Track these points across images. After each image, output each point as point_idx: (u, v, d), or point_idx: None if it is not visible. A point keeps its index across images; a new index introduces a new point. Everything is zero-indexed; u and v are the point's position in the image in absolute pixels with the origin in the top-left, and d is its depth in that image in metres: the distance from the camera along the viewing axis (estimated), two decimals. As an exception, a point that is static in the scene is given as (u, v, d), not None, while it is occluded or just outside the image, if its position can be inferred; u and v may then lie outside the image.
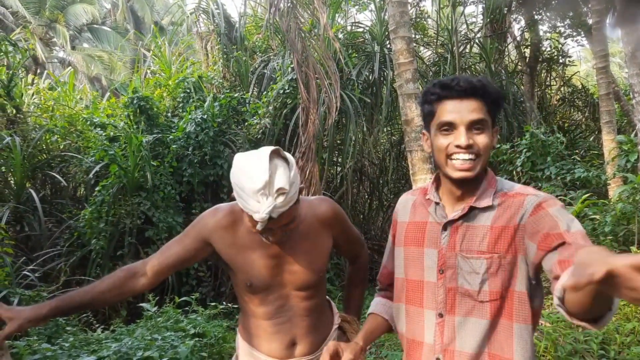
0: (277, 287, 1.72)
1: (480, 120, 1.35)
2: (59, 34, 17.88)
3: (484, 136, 1.36)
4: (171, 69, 9.23)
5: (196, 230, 1.73)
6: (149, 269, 1.71)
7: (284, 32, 6.80)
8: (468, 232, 1.39)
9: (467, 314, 1.36)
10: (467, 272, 1.36)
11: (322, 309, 1.84)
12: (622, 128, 10.16)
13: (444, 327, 1.39)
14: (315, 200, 1.81)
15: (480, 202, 1.39)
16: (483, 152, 1.36)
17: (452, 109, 1.36)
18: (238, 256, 1.71)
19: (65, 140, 7.77)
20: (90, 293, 1.65)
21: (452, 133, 1.37)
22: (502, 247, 1.33)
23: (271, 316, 1.74)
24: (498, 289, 1.33)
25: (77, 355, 3.68)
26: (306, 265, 1.71)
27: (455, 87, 1.35)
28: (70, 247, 6.44)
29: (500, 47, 10.90)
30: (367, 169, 9.94)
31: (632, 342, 3.56)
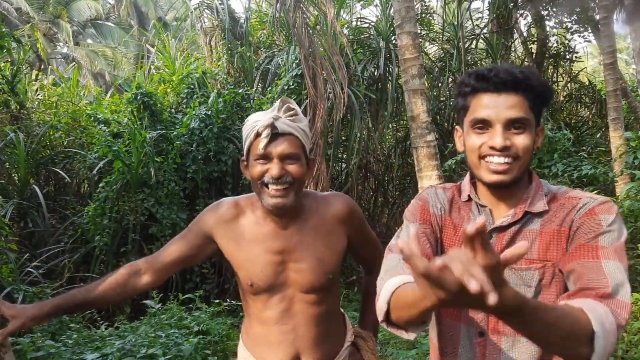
0: (281, 288, 1.59)
1: (521, 119, 1.16)
2: (62, 30, 17.88)
3: (524, 137, 1.17)
4: (175, 65, 9.20)
5: (198, 226, 1.66)
6: (152, 267, 1.66)
7: (290, 27, 6.75)
8: (515, 239, 1.21)
9: (516, 333, 1.17)
10: (515, 285, 1.17)
11: (332, 320, 1.67)
12: (630, 125, 10.08)
13: (486, 348, 1.21)
14: (330, 196, 1.68)
15: (533, 206, 1.22)
16: (522, 154, 1.17)
17: (488, 103, 1.17)
18: (240, 251, 1.60)
19: (69, 136, 7.76)
20: (93, 291, 1.61)
21: (487, 132, 1.18)
22: (555, 253, 1.17)
23: (275, 321, 1.60)
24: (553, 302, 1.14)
25: (81, 352, 3.68)
26: (315, 264, 1.57)
27: (492, 79, 1.17)
28: (74, 244, 6.43)
29: (506, 43, 10.82)
30: (372, 166, 9.90)
31: (639, 341, 3.52)
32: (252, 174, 1.52)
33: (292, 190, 1.50)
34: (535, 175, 1.29)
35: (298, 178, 1.51)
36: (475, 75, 1.20)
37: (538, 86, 1.18)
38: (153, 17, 18.76)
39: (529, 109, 1.18)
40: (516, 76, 1.16)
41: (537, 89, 1.18)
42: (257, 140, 1.48)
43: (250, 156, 1.53)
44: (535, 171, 5.10)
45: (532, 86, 1.17)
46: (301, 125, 1.52)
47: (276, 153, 1.47)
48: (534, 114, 1.20)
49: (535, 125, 1.21)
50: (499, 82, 1.16)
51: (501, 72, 1.17)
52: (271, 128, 1.45)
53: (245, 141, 1.53)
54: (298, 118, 1.52)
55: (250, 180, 1.56)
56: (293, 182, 1.50)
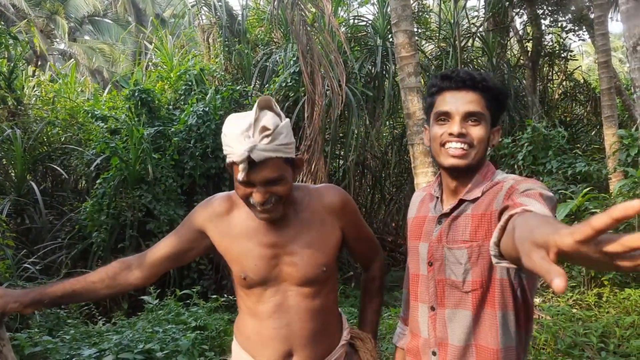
0: (274, 281, 1.55)
1: (476, 113, 1.34)
2: (59, 26, 17.84)
3: (479, 128, 1.35)
4: (173, 62, 9.21)
5: (190, 221, 1.63)
6: (143, 263, 1.60)
7: (288, 24, 6.77)
8: (454, 223, 1.38)
9: (455, 306, 1.36)
10: (452, 263, 1.36)
11: (327, 316, 1.62)
12: (624, 122, 10.14)
13: (436, 321, 1.39)
14: (322, 188, 1.65)
15: (470, 194, 1.38)
16: (477, 143, 1.34)
17: (449, 99, 1.36)
18: (233, 245, 1.57)
19: (67, 132, 7.77)
20: (82, 282, 1.56)
21: (447, 123, 1.36)
22: (481, 234, 1.31)
23: (268, 316, 1.56)
24: (479, 278, 1.32)
25: (78, 348, 3.69)
26: (308, 256, 1.54)
27: (454, 78, 1.35)
28: (71, 240, 6.45)
29: (502, 41, 10.87)
30: (369, 163, 9.95)
31: (631, 336, 3.57)
32: (238, 193, 1.48)
33: (279, 205, 1.48)
34: (490, 166, 1.44)
35: (284, 195, 1.47)
36: (441, 76, 1.40)
37: (494, 89, 1.36)
38: (151, 14, 18.72)
39: (485, 107, 1.36)
40: (474, 77, 1.34)
41: (494, 91, 1.36)
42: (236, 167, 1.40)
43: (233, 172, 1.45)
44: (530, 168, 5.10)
45: (489, 88, 1.35)
46: (281, 141, 1.41)
47: (258, 181, 1.41)
48: (490, 113, 1.37)
49: (490, 123, 1.38)
50: (459, 81, 1.35)
51: (462, 72, 1.36)
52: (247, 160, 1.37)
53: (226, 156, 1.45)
54: (277, 133, 1.40)
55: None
56: (280, 199, 1.47)
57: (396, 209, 10.01)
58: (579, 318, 4.01)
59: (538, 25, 10.65)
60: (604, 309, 4.23)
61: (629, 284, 4.52)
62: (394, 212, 10.12)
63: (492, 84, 1.36)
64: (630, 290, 4.25)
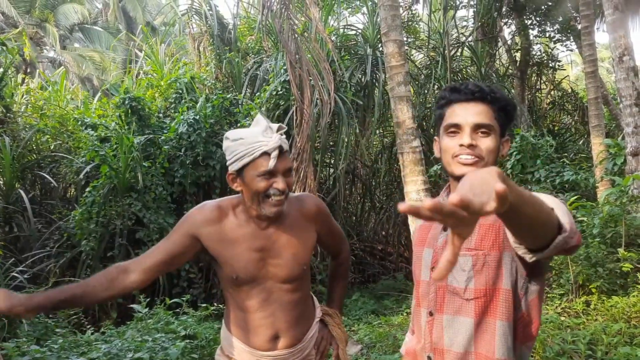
0: (261, 280, 1.76)
1: (486, 125, 1.36)
2: (49, 34, 17.78)
3: (489, 140, 1.37)
4: (163, 70, 9.21)
5: (184, 226, 1.76)
6: (140, 266, 1.72)
7: (277, 33, 6.81)
8: None
9: (455, 312, 1.37)
10: (455, 269, 1.36)
11: (305, 303, 1.88)
12: (611, 132, 10.27)
13: (433, 326, 1.40)
14: (301, 196, 1.89)
15: None
16: (486, 155, 1.36)
17: (459, 111, 1.38)
18: (225, 250, 1.74)
19: (56, 140, 7.73)
20: (82, 287, 1.66)
21: (458, 134, 1.38)
22: (487, 243, 1.33)
23: (255, 309, 1.77)
24: (482, 287, 1.33)
25: (67, 357, 3.66)
26: (290, 258, 1.76)
27: (463, 90, 1.38)
28: (60, 248, 6.40)
29: (491, 51, 10.99)
30: (359, 171, 9.98)
31: (619, 343, 3.59)
32: (256, 188, 1.66)
33: (286, 199, 1.71)
34: None
35: (292, 187, 1.72)
36: (450, 89, 1.42)
37: (502, 100, 1.39)
38: (141, 22, 18.73)
39: (494, 118, 1.38)
40: (483, 89, 1.37)
41: (502, 102, 1.38)
42: (263, 158, 1.63)
43: (249, 172, 1.66)
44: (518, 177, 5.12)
45: (498, 99, 1.38)
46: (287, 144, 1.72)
47: (282, 169, 1.65)
48: (499, 124, 1.40)
49: (500, 134, 1.41)
50: (469, 93, 1.38)
51: (470, 84, 1.38)
52: (279, 149, 1.63)
53: (242, 158, 1.65)
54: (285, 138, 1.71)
55: (246, 192, 1.70)
56: (288, 192, 1.71)
57: (386, 217, 10.03)
58: (567, 326, 4.03)
59: (526, 36, 10.80)
60: (592, 316, 4.26)
61: (616, 292, 4.56)
62: (384, 220, 10.14)
63: (500, 96, 1.38)
64: (617, 298, 4.29)
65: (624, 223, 4.93)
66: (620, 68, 6.01)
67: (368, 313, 6.47)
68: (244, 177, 1.68)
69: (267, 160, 1.62)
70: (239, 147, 1.65)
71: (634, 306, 4.10)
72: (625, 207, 5.15)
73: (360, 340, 4.95)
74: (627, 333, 3.76)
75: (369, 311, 6.58)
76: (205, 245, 1.75)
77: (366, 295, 7.41)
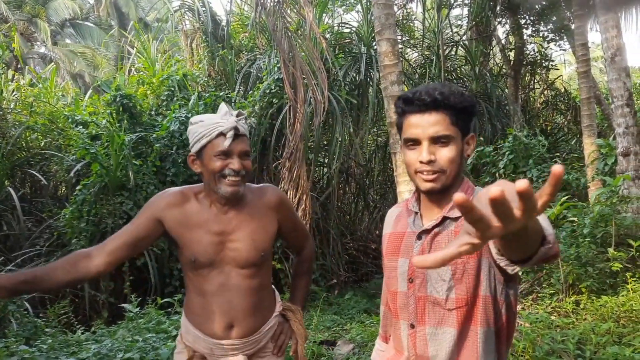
0: (219, 264, 1.80)
1: (443, 136, 1.32)
2: (40, 30, 17.63)
3: (448, 150, 1.33)
4: (155, 67, 9.15)
5: (148, 210, 1.82)
6: (103, 251, 1.73)
7: (271, 31, 6.78)
8: (435, 240, 1.38)
9: (438, 323, 1.35)
10: (435, 279, 1.35)
11: (263, 293, 1.90)
12: (604, 131, 10.31)
13: (416, 338, 1.38)
14: (263, 187, 1.95)
15: (453, 211, 1.37)
16: (447, 166, 1.33)
17: (414, 123, 1.34)
18: (186, 233, 1.79)
19: (46, 138, 7.67)
20: (43, 269, 1.66)
21: (417, 147, 1.35)
22: None
23: (212, 294, 1.81)
24: (464, 296, 1.32)
25: (56, 357, 3.64)
26: (249, 243, 1.81)
27: (416, 102, 1.33)
28: (50, 247, 6.36)
29: (485, 50, 11.01)
30: (353, 170, 9.97)
31: (607, 342, 3.61)
32: (212, 167, 1.74)
33: (243, 181, 1.77)
34: (466, 183, 1.44)
35: (249, 171, 1.79)
36: (403, 99, 1.38)
37: (458, 103, 1.32)
38: (134, 18, 18.60)
39: (452, 124, 1.33)
40: (435, 97, 1.31)
41: (458, 106, 1.33)
42: (219, 139, 1.72)
43: (207, 152, 1.75)
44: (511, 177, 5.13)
45: (451, 105, 1.32)
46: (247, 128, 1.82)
47: (237, 150, 1.73)
48: (459, 127, 1.35)
49: (462, 136, 1.37)
50: (422, 104, 1.32)
51: (423, 94, 1.32)
52: (234, 130, 1.72)
53: (201, 139, 1.74)
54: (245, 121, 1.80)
55: (204, 173, 1.78)
56: (245, 175, 1.77)
57: (380, 216, 10.03)
58: (557, 325, 4.05)
59: (520, 35, 10.82)
60: (581, 316, 4.28)
61: (606, 291, 4.58)
62: (378, 219, 10.14)
63: (455, 100, 1.32)
64: (606, 297, 4.31)
65: (614, 223, 4.96)
66: (612, 68, 6.04)
67: (361, 312, 6.47)
68: (203, 157, 1.76)
69: (223, 140, 1.71)
70: (199, 129, 1.74)
71: (622, 306, 4.12)
72: (616, 207, 5.18)
73: (352, 339, 4.95)
74: (616, 332, 3.78)
75: (361, 310, 6.58)
76: (167, 227, 1.80)
77: (359, 294, 7.42)
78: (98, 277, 1.85)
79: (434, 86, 1.33)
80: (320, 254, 8.00)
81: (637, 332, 3.71)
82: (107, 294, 6.05)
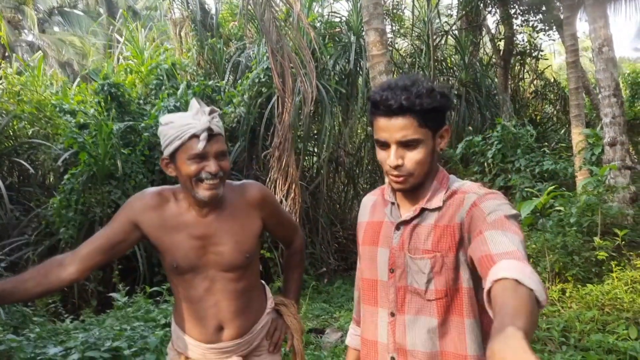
0: (203, 269, 1.72)
1: (410, 140, 1.31)
2: (27, 17, 17.37)
3: (417, 152, 1.32)
4: (144, 55, 9.07)
5: (124, 213, 1.72)
6: (76, 257, 1.65)
7: (259, 21, 6.74)
8: (415, 232, 1.39)
9: (417, 312, 1.36)
10: (415, 271, 1.36)
11: (252, 293, 1.83)
12: (592, 121, 10.39)
13: (396, 326, 1.40)
14: (244, 184, 1.85)
15: (431, 203, 1.39)
16: (415, 168, 1.33)
17: (382, 126, 1.33)
18: (165, 237, 1.70)
19: (34, 126, 7.60)
20: (12, 282, 1.57)
21: (387, 149, 1.34)
22: (444, 245, 1.33)
23: (198, 299, 1.74)
24: (443, 288, 1.33)
25: (44, 346, 3.63)
26: (232, 246, 1.72)
27: (382, 107, 1.31)
28: (38, 236, 6.33)
29: (475, 40, 11.01)
30: (343, 159, 9.98)
31: (591, 330, 3.67)
32: (187, 171, 1.63)
33: (222, 183, 1.67)
34: (442, 172, 1.45)
35: (227, 171, 1.68)
36: (371, 102, 1.36)
37: (426, 104, 1.29)
38: (122, 6, 18.37)
39: (420, 127, 1.31)
40: (401, 103, 1.28)
41: (425, 108, 1.29)
42: (192, 141, 1.60)
43: (180, 155, 1.63)
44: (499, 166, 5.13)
45: (418, 108, 1.28)
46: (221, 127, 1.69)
47: (213, 152, 1.62)
48: (428, 127, 1.32)
49: (433, 134, 1.35)
50: (388, 110, 1.30)
51: (389, 98, 1.29)
52: (208, 131, 1.60)
53: (173, 142, 1.62)
54: (219, 117, 1.69)
55: (180, 177, 1.68)
56: (223, 176, 1.66)
57: (369, 205, 10.05)
58: (542, 313, 4.11)
59: (510, 25, 10.83)
60: (567, 304, 4.35)
61: (591, 280, 4.64)
62: (367, 208, 10.16)
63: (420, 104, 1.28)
64: (591, 286, 4.37)
65: (600, 212, 5.01)
66: (600, 59, 6.07)
67: (349, 300, 6.51)
68: (176, 161, 1.65)
69: (196, 142, 1.59)
70: (170, 130, 1.62)
71: (607, 294, 4.18)
72: (602, 196, 5.23)
73: (340, 327, 4.99)
74: (600, 320, 3.84)
75: (350, 298, 6.62)
76: (145, 232, 1.71)
77: (348, 283, 7.46)
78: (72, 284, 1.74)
79: (403, 85, 1.31)
80: (309, 242, 8.03)
81: (621, 320, 3.77)
82: (96, 283, 6.05)
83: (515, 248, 1.12)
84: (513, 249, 1.11)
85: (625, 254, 4.88)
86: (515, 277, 1.00)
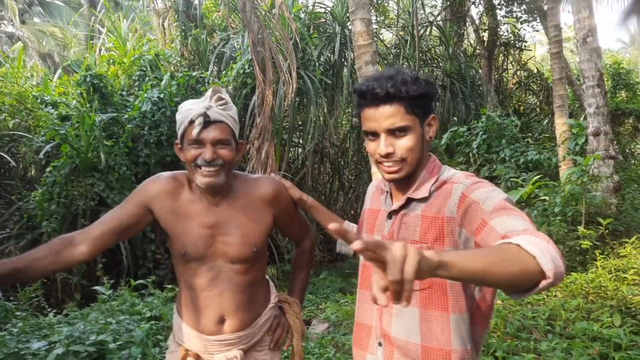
0: (210, 258, 1.72)
1: (399, 127, 1.32)
2: (7, 8, 17.01)
3: (407, 139, 1.33)
4: (126, 46, 8.94)
5: (138, 196, 1.72)
6: (88, 237, 1.64)
7: (240, 11, 6.67)
8: (404, 222, 1.40)
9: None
10: None
11: (256, 287, 1.83)
12: (575, 112, 10.49)
13: (383, 313, 1.41)
14: (260, 178, 1.85)
15: (417, 193, 1.39)
16: (407, 154, 1.34)
17: (370, 116, 1.34)
18: (177, 224, 1.71)
19: (14, 118, 7.46)
20: (24, 260, 1.54)
21: (377, 139, 1.35)
22: (431, 237, 1.33)
23: (203, 288, 1.73)
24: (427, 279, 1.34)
25: (27, 341, 3.57)
26: (241, 238, 1.72)
27: (369, 96, 1.32)
28: (20, 230, 6.23)
29: (459, 31, 11.04)
30: (328, 151, 9.97)
31: (577, 318, 3.71)
32: (186, 156, 1.65)
33: (222, 171, 1.64)
34: (434, 162, 1.45)
35: (228, 161, 1.65)
36: (357, 93, 1.37)
37: (412, 91, 1.30)
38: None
39: (407, 114, 1.32)
40: (388, 90, 1.29)
41: (412, 94, 1.30)
42: (191, 127, 1.62)
43: (184, 141, 1.66)
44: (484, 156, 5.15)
45: (405, 95, 1.30)
46: (231, 113, 1.67)
47: (209, 139, 1.61)
48: (416, 114, 1.34)
49: (421, 121, 1.36)
50: (375, 98, 1.31)
51: (375, 87, 1.31)
52: (204, 116, 1.60)
53: (180, 127, 1.65)
54: (228, 107, 1.66)
55: (185, 162, 1.68)
56: (224, 164, 1.64)
57: (355, 196, 10.08)
58: (528, 302, 4.14)
59: (494, 16, 10.87)
60: (552, 292, 4.39)
61: (575, 269, 4.70)
62: (353, 199, 10.20)
63: (406, 91, 1.30)
64: (576, 274, 4.42)
65: (584, 202, 5.07)
66: (584, 49, 6.11)
67: (335, 291, 6.53)
68: (183, 145, 1.66)
69: (193, 128, 1.61)
70: (179, 115, 1.66)
71: (591, 282, 4.23)
72: (586, 186, 5.29)
73: (327, 319, 4.99)
74: (585, 308, 3.89)
75: (336, 289, 6.64)
76: (157, 217, 1.71)
77: (334, 274, 7.48)
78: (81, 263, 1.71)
79: (389, 75, 1.32)
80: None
81: (605, 307, 3.82)
82: (80, 277, 5.97)
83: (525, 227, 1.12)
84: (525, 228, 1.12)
85: (609, 243, 4.94)
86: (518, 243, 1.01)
